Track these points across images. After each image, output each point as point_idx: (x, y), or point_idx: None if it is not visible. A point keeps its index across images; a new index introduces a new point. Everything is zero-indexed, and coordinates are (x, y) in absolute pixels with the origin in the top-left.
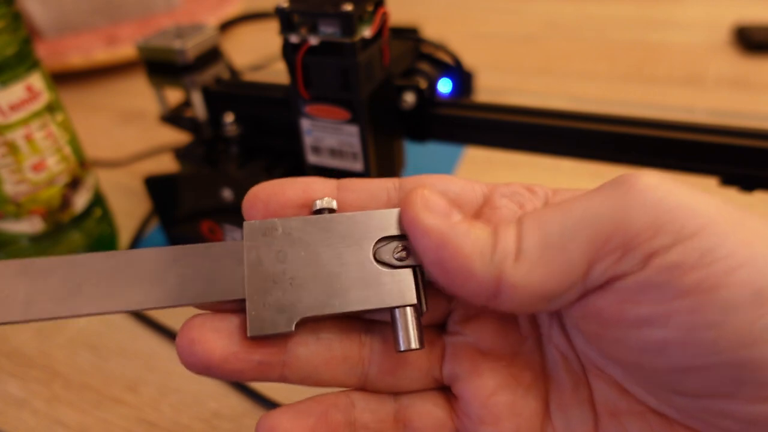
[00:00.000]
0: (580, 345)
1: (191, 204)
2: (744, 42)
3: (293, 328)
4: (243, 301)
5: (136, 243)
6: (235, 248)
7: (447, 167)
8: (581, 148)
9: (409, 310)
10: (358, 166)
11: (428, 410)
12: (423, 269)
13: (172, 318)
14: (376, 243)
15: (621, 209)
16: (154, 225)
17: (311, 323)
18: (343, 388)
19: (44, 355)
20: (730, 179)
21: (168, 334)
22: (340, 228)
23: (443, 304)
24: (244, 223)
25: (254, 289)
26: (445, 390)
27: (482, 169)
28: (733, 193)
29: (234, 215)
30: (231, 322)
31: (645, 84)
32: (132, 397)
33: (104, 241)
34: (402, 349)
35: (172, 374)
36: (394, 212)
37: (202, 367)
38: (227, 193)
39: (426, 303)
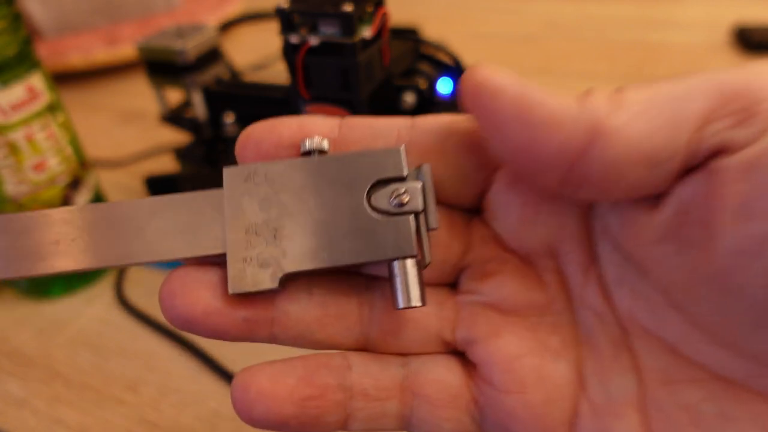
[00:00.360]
0: (624, 302)
1: None
2: (744, 42)
3: (278, 285)
4: (225, 256)
5: None
6: (218, 197)
7: None
8: None
9: (408, 262)
10: None
11: (441, 377)
12: (426, 215)
13: None
14: (372, 187)
15: (749, 75)
16: None
17: (301, 279)
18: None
19: (44, 354)
20: None
21: (168, 333)
22: (330, 171)
23: (454, 257)
24: (224, 169)
25: (235, 242)
26: (458, 356)
27: None
28: None
29: None
30: (216, 274)
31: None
32: (132, 396)
33: None
34: (401, 306)
35: (172, 374)
36: (395, 151)
37: (183, 322)
38: None
39: (429, 254)
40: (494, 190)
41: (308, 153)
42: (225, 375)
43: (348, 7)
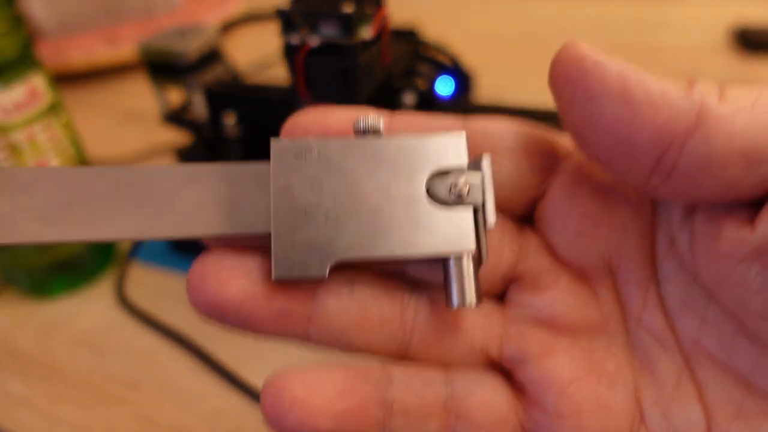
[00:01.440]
0: (689, 327)
1: None
2: (743, 43)
3: (326, 273)
4: (267, 237)
5: (136, 243)
6: (261, 171)
7: None
8: None
9: (466, 258)
10: None
11: (487, 398)
12: (485, 211)
13: (174, 317)
14: (431, 176)
15: None
16: None
17: (346, 272)
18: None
19: (46, 353)
20: None
21: (169, 333)
22: (387, 154)
23: (504, 266)
24: (272, 140)
25: (282, 222)
26: (504, 374)
27: None
28: None
29: None
30: (253, 260)
31: None
32: (133, 394)
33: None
34: (456, 305)
35: (173, 373)
36: (457, 137)
37: (214, 308)
38: None
39: (486, 252)
40: (550, 198)
41: (363, 132)
42: (225, 374)
43: (348, 8)
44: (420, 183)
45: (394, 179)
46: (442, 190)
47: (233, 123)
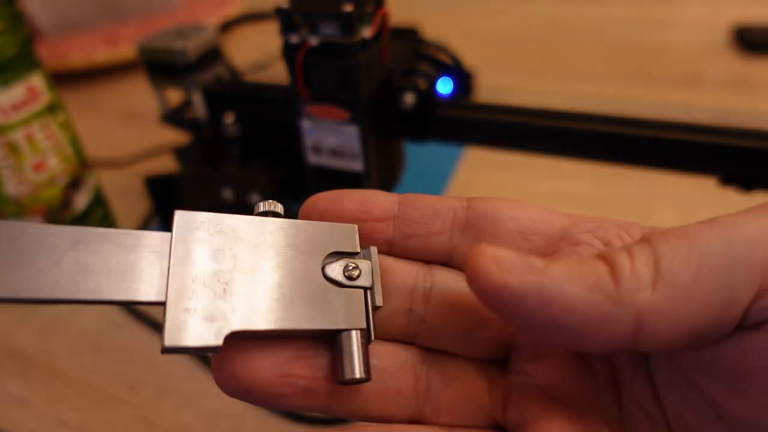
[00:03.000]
0: (673, 403)
1: (191, 204)
2: (743, 42)
3: (221, 343)
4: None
5: None
6: (159, 240)
7: (447, 167)
8: (581, 148)
9: (355, 334)
10: (357, 166)
11: None
12: (373, 293)
13: None
14: (326, 257)
15: None
16: (154, 225)
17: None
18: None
19: (45, 354)
20: (728, 179)
21: None
22: (287, 234)
23: (507, 335)
24: (176, 211)
25: (178, 290)
26: None
27: (482, 169)
28: (731, 194)
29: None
30: (271, 344)
31: (645, 84)
32: (133, 396)
33: None
34: (345, 378)
35: (173, 374)
36: (350, 228)
37: (242, 391)
38: (227, 193)
39: (375, 330)
40: None
41: (264, 214)
42: None
43: (348, 7)
44: (316, 262)
45: (292, 256)
46: (336, 272)
47: (232, 122)
